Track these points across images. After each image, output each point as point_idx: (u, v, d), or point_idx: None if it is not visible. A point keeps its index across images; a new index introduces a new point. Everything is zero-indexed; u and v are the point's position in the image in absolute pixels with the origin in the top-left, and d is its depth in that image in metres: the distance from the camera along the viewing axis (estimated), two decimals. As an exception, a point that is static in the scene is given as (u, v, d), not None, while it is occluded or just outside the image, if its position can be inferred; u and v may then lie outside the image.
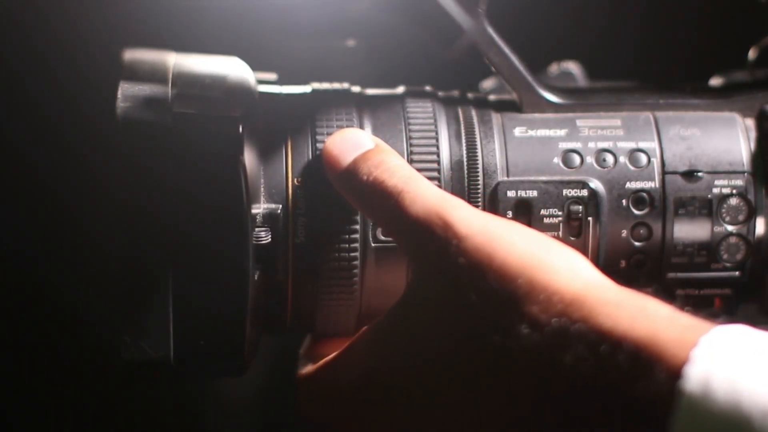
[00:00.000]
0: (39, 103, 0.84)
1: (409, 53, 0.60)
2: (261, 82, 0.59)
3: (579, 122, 0.57)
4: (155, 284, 0.52)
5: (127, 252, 0.52)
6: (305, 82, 0.60)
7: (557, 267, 0.49)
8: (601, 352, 0.45)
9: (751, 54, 0.64)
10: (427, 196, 0.52)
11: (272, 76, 0.61)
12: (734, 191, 0.56)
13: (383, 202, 0.53)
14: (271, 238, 0.54)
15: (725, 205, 0.56)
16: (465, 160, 0.56)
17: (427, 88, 0.60)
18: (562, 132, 0.57)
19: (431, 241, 0.51)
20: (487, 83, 0.64)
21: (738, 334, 0.44)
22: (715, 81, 0.64)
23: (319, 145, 0.56)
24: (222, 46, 0.61)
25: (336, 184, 0.55)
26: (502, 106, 0.58)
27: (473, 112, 0.58)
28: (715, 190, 0.56)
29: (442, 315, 0.50)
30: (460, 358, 0.50)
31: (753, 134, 0.58)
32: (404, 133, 0.57)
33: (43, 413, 0.87)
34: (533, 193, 0.56)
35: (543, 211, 0.56)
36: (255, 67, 0.59)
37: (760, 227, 0.57)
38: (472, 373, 0.49)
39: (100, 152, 0.78)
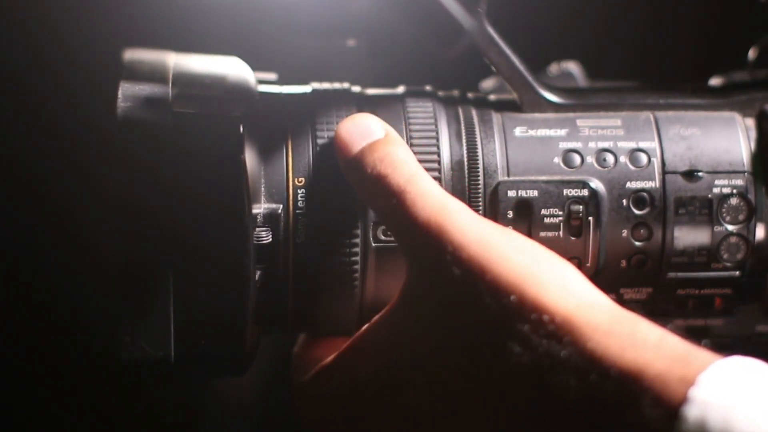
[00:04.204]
0: (40, 103, 0.84)
1: (409, 53, 0.60)
2: (261, 81, 0.59)
3: (579, 122, 0.57)
4: (156, 284, 0.52)
5: (129, 251, 0.52)
6: (305, 82, 0.60)
7: (549, 284, 0.49)
8: (590, 381, 0.46)
9: (751, 54, 0.64)
10: (427, 198, 0.52)
11: (272, 76, 0.61)
12: (734, 191, 0.56)
13: (384, 199, 0.53)
14: (272, 238, 0.54)
15: (725, 205, 0.56)
16: (465, 159, 0.56)
17: (427, 88, 0.60)
18: (562, 132, 0.57)
19: (427, 247, 0.51)
20: (487, 83, 0.64)
21: (736, 369, 0.44)
22: (715, 81, 0.64)
23: (320, 141, 0.56)
24: (222, 45, 0.61)
25: (344, 171, 0.55)
26: (503, 106, 0.58)
27: (473, 112, 0.58)
28: (716, 190, 0.56)
29: (434, 321, 0.51)
30: (449, 366, 0.50)
31: (753, 134, 0.58)
32: (405, 133, 0.57)
33: (42, 413, 0.87)
34: (534, 193, 0.56)
35: (543, 211, 0.56)
36: (255, 67, 0.58)
37: (760, 227, 0.57)
38: (460, 382, 0.50)
39: (101, 152, 0.78)
